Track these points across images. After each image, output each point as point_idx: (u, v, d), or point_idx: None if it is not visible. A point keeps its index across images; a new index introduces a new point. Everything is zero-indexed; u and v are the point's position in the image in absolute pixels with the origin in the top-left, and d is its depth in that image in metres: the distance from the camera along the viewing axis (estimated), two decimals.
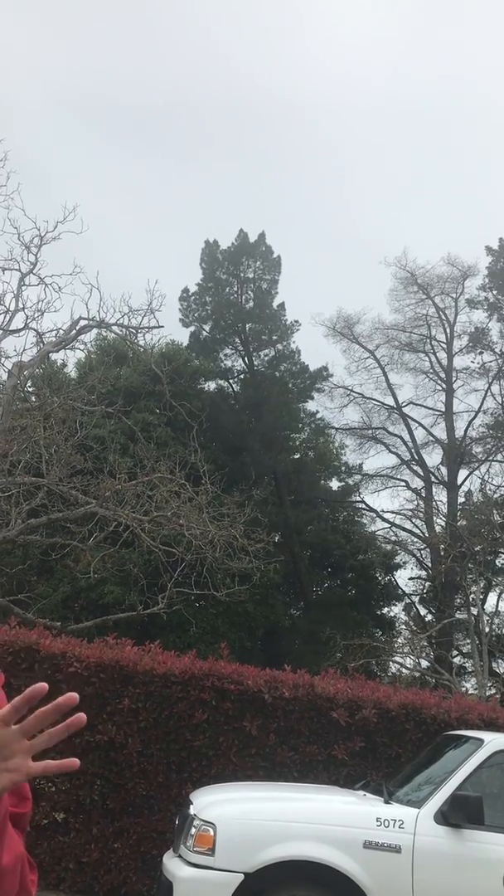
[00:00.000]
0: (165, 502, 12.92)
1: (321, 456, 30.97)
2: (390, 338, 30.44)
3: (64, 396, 14.35)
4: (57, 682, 7.39)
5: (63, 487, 12.76)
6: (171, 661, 7.79)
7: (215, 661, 7.95)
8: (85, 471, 13.62)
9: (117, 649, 7.81)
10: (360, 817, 5.51)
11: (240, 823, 5.43)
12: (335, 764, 7.60)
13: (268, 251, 30.22)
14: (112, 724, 7.40)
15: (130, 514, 12.56)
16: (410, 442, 30.21)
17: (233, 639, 21.81)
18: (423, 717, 7.86)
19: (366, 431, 30.97)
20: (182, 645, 15.81)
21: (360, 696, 7.85)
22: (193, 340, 29.61)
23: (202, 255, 30.36)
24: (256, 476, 22.45)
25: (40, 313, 14.72)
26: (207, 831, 5.35)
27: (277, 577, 22.51)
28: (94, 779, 7.37)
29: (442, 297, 30.22)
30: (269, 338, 29.82)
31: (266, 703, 7.60)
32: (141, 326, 15.00)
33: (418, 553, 29.21)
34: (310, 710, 7.71)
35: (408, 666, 24.30)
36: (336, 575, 30.53)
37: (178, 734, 7.51)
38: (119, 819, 7.37)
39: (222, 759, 7.50)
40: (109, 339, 20.81)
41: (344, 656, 21.15)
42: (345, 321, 30.18)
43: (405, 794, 5.89)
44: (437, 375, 30.37)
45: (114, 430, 18.55)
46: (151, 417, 21.88)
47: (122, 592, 18.65)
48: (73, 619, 17.55)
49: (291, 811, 5.64)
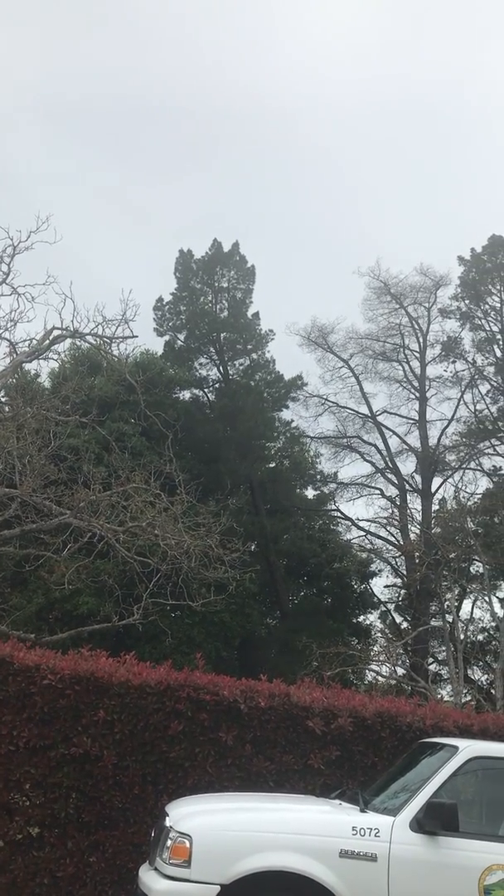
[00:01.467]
0: (140, 512, 12.88)
1: (296, 465, 31.05)
2: (364, 347, 30.68)
3: (37, 406, 14.27)
4: (31, 695, 7.33)
5: (37, 498, 12.67)
6: (146, 672, 7.74)
7: (191, 671, 7.92)
8: (59, 481, 13.54)
9: (92, 661, 7.75)
10: (335, 826, 5.51)
11: (216, 834, 5.41)
12: (311, 773, 7.59)
13: (242, 261, 30.34)
14: (87, 736, 7.34)
15: (105, 525, 12.51)
16: (385, 450, 30.43)
17: (209, 649, 21.74)
18: (398, 725, 7.88)
19: (340, 440, 31.12)
20: (157, 655, 15.72)
21: (336, 705, 7.86)
22: (168, 350, 29.62)
23: (176, 264, 30.41)
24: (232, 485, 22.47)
25: (13, 323, 14.65)
26: (183, 843, 5.33)
27: (253, 586, 22.50)
28: (70, 792, 7.29)
29: (415, 307, 30.53)
30: (244, 347, 29.90)
31: (242, 714, 7.58)
32: (115, 336, 14.98)
33: (393, 561, 29.37)
34: (285, 719, 7.70)
35: (384, 674, 24.37)
36: (312, 583, 30.59)
37: (153, 745, 7.46)
38: (94, 832, 7.30)
39: (198, 769, 7.46)
40: (83, 349, 20.74)
41: (320, 665, 21.17)
42: (319, 331, 30.38)
43: (381, 802, 5.91)
44: (411, 384, 30.62)
45: (88, 440, 18.47)
46: (126, 427, 21.82)
47: (96, 603, 18.53)
48: (48, 630, 17.40)
49: (267, 821, 5.63)
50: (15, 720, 7.24)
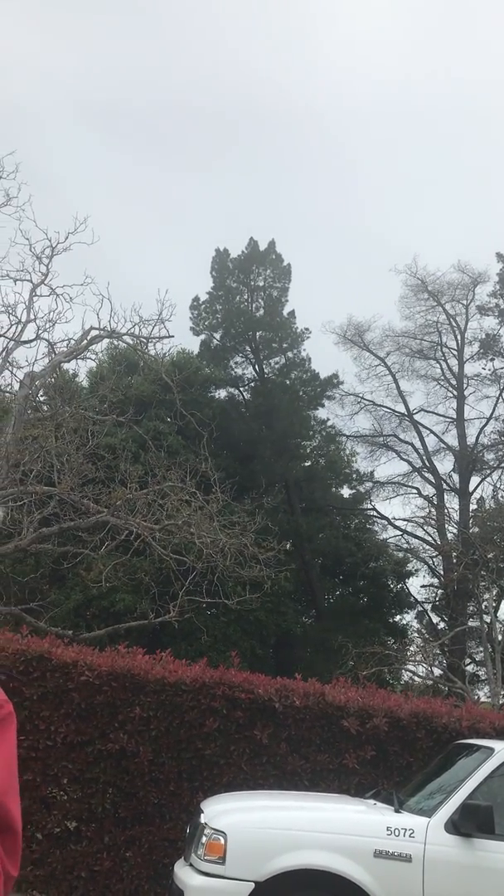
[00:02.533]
0: (176, 511, 12.95)
1: (332, 463, 30.95)
2: (401, 345, 30.46)
3: (75, 406, 14.43)
4: (69, 691, 7.44)
5: (74, 496, 12.81)
6: (181, 669, 7.81)
7: (226, 669, 7.96)
8: (96, 480, 13.67)
9: (128, 658, 7.84)
10: (370, 826, 5.51)
11: (250, 832, 5.44)
12: (346, 773, 7.60)
13: (278, 259, 30.32)
14: (124, 732, 7.43)
15: (141, 523, 12.60)
16: (422, 449, 30.19)
17: (244, 647, 21.80)
18: (434, 726, 7.84)
19: (377, 439, 30.95)
20: (193, 653, 15.82)
21: (371, 705, 7.85)
22: (204, 349, 29.72)
23: (213, 263, 30.49)
24: (267, 484, 22.49)
25: (52, 324, 14.81)
26: (218, 840, 5.37)
27: (289, 585, 22.49)
28: (106, 787, 7.40)
29: (452, 304, 30.23)
30: (280, 346, 29.87)
31: (277, 712, 7.61)
32: (151, 336, 15.07)
33: (430, 560, 29.13)
34: (320, 718, 7.71)
35: (420, 674, 24.21)
36: (348, 583, 30.48)
37: (189, 743, 7.52)
38: (131, 828, 7.39)
39: (233, 767, 7.51)
40: (121, 349, 20.91)
41: (356, 664, 21.10)
42: (355, 328, 30.24)
43: (416, 803, 5.89)
44: (448, 382, 30.35)
45: (125, 438, 18.63)
46: (162, 426, 21.97)
47: (133, 601, 18.69)
48: (86, 627, 17.61)
49: (302, 820, 5.65)
50: (53, 716, 7.36)
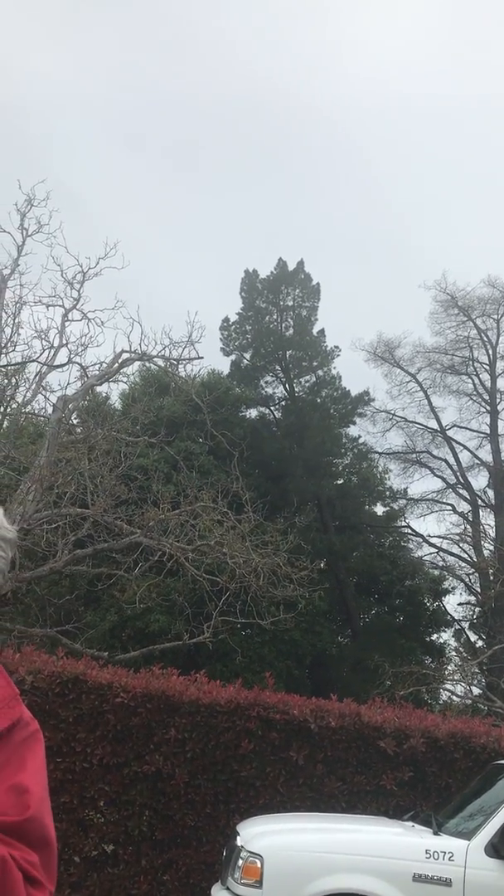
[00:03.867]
0: (208, 531, 12.99)
1: (365, 481, 30.79)
2: (432, 361, 30.32)
3: (108, 428, 14.58)
4: (104, 713, 7.45)
5: (108, 518, 12.91)
6: (216, 690, 7.79)
7: (261, 690, 7.93)
8: (129, 501, 13.77)
9: (163, 679, 7.85)
10: (409, 849, 5.43)
11: (287, 855, 5.39)
12: (383, 794, 7.50)
13: (307, 279, 30.44)
14: (159, 754, 7.42)
15: (174, 544, 12.65)
16: (455, 465, 29.93)
17: (280, 667, 21.68)
18: (472, 746, 7.72)
19: (410, 455, 30.76)
20: (229, 674, 15.78)
21: (408, 725, 7.76)
22: (234, 369, 29.86)
23: (242, 284, 30.70)
24: (299, 503, 22.43)
25: (83, 347, 15.02)
26: (255, 863, 5.33)
27: (323, 604, 22.35)
28: (143, 810, 7.38)
29: (483, 319, 30.05)
30: (310, 364, 29.91)
31: (312, 733, 7.55)
32: (181, 358, 15.22)
33: (467, 578, 28.76)
34: (357, 739, 7.64)
35: (459, 694, 23.84)
36: (383, 601, 30.19)
37: (224, 764, 7.49)
38: (168, 850, 7.36)
39: (269, 789, 7.45)
40: (152, 371, 21.11)
41: (393, 684, 20.85)
42: (385, 345, 30.18)
43: (455, 825, 5.80)
44: (481, 397, 30.10)
45: (157, 459, 18.75)
46: (194, 446, 22.06)
47: (168, 621, 18.71)
48: (121, 648, 17.64)
49: (339, 843, 5.59)
50: (89, 738, 7.38)
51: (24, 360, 14.89)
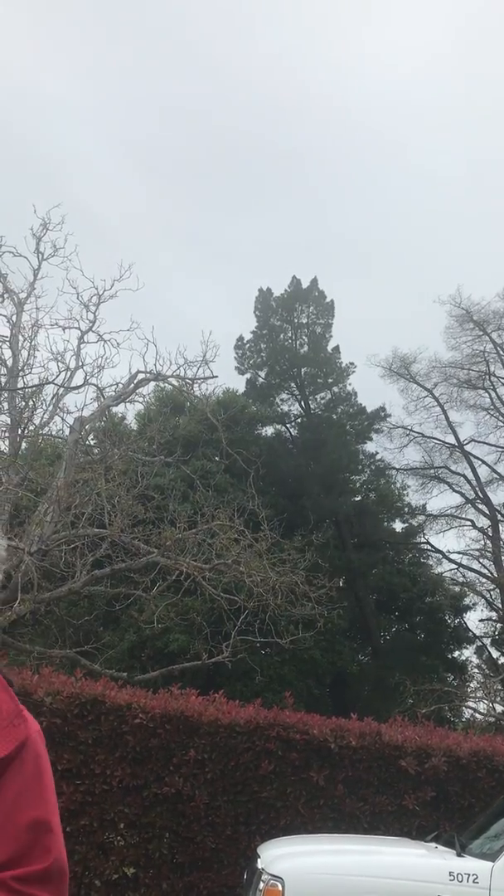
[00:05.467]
0: (225, 549, 12.97)
1: (383, 497, 30.67)
2: (448, 375, 30.23)
3: (124, 448, 14.64)
4: (123, 734, 7.42)
5: (125, 538, 12.93)
6: (235, 710, 7.74)
7: (280, 710, 7.88)
8: (146, 520, 13.79)
9: (182, 700, 7.81)
10: (432, 871, 5.35)
11: (308, 878, 5.33)
12: (406, 814, 7.41)
13: (321, 296, 30.53)
14: (179, 775, 7.37)
15: (191, 563, 12.64)
16: (474, 480, 29.75)
17: (300, 687, 21.54)
18: (495, 765, 7.62)
19: (427, 471, 30.62)
20: (249, 694, 15.68)
21: (429, 744, 7.67)
22: (250, 387, 29.93)
23: (256, 302, 30.84)
24: (317, 520, 22.35)
25: (99, 369, 15.11)
26: (276, 886, 5.27)
27: (343, 622, 22.21)
28: (163, 832, 7.32)
29: (499, 333, 29.93)
30: (325, 381, 29.93)
31: (332, 753, 7.48)
32: (196, 377, 15.27)
33: (488, 594, 28.53)
34: (378, 759, 7.56)
35: (482, 711, 23.57)
36: (404, 619, 29.98)
37: (244, 786, 7.43)
38: (189, 874, 7.29)
39: (290, 810, 7.38)
40: (167, 391, 21.21)
41: (414, 702, 20.65)
42: (401, 361, 30.13)
43: (478, 846, 5.71)
44: (499, 412, 29.95)
45: (174, 478, 18.78)
46: (210, 465, 22.09)
47: (187, 641, 18.66)
48: (140, 668, 17.61)
49: (361, 865, 5.52)
50: (108, 759, 7.34)
51: (41, 383, 15.00)
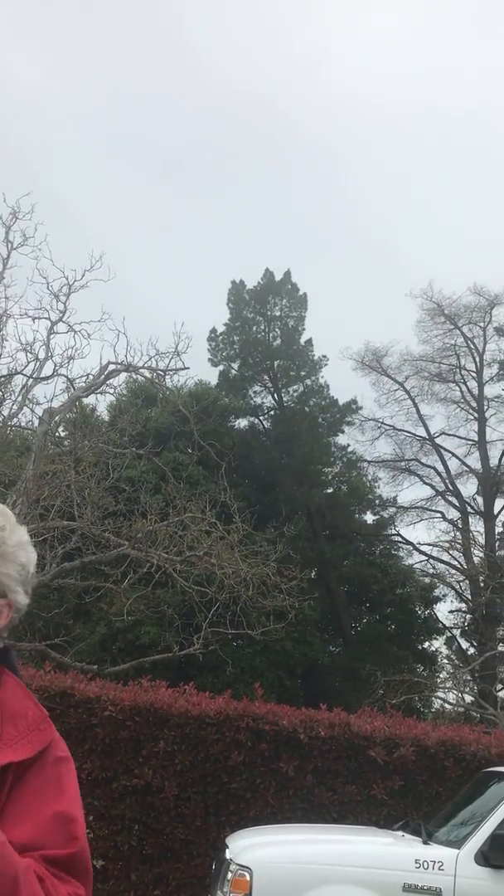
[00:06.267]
0: (197, 542, 12.94)
1: (354, 489, 30.83)
2: (419, 369, 30.43)
3: (95, 440, 14.52)
4: (92, 727, 7.40)
5: (96, 530, 12.85)
6: (205, 702, 7.75)
7: (250, 701, 7.90)
8: (117, 513, 13.71)
9: (152, 692, 7.80)
10: (398, 859, 5.41)
11: (276, 867, 5.36)
12: (374, 804, 7.47)
13: (294, 289, 30.54)
14: (148, 767, 7.37)
15: (162, 555, 12.60)
16: (444, 473, 30.01)
17: (271, 678, 21.62)
18: (462, 754, 7.71)
19: (399, 463, 30.82)
20: (220, 685, 15.70)
21: (398, 734, 7.74)
22: (222, 379, 29.89)
23: (229, 294, 30.76)
24: (289, 512, 22.40)
25: (70, 360, 14.94)
26: (244, 876, 5.29)
27: (314, 613, 22.33)
28: (132, 824, 7.32)
29: (470, 327, 30.18)
30: (298, 374, 29.99)
31: (302, 744, 7.52)
32: (168, 369, 15.16)
33: (457, 585, 28.81)
34: (347, 749, 7.61)
35: (451, 701, 23.83)
36: (375, 610, 30.21)
37: (214, 777, 7.45)
38: (158, 865, 7.30)
39: (260, 801, 7.41)
40: (139, 382, 21.09)
41: (385, 693, 20.82)
42: (373, 354, 30.25)
43: (444, 834, 5.78)
44: (469, 405, 30.21)
45: (145, 470, 18.70)
46: (182, 457, 22.03)
47: (158, 633, 18.64)
48: (111, 661, 17.54)
49: (329, 854, 5.56)
50: (77, 752, 7.31)
51: (9, 373, 14.82)
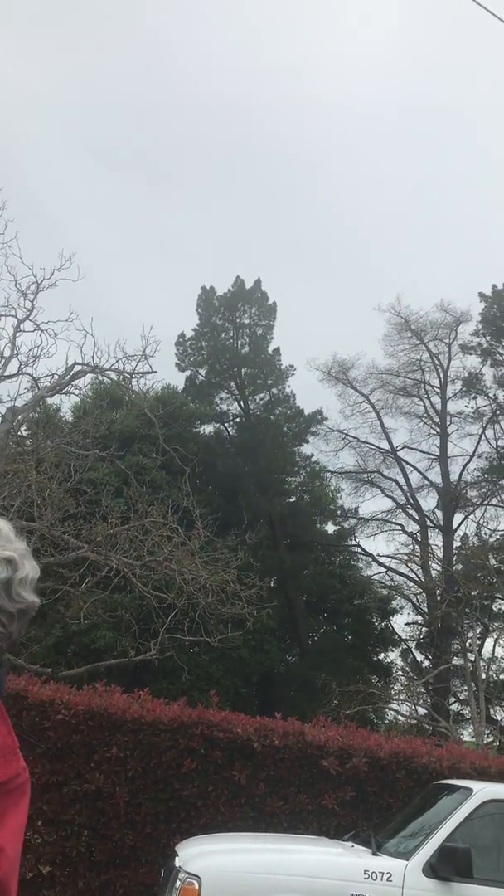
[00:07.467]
0: (158, 547, 12.89)
1: (316, 499, 30.97)
2: (385, 382, 30.72)
3: (58, 440, 14.39)
4: (44, 730, 7.32)
5: (55, 532, 12.73)
6: (159, 708, 7.71)
7: (205, 708, 7.87)
8: (78, 515, 13.60)
9: (106, 696, 7.73)
10: (347, 870, 5.42)
11: (225, 876, 5.34)
12: (325, 814, 7.49)
13: (263, 297, 30.65)
14: (100, 772, 7.30)
15: (121, 559, 12.52)
16: (406, 486, 30.30)
17: (227, 685, 21.58)
18: (414, 766, 7.76)
19: (361, 475, 31.05)
20: (175, 692, 15.61)
21: (351, 745, 7.76)
22: (189, 384, 29.86)
23: (198, 300, 30.77)
24: (251, 520, 22.41)
25: (35, 359, 14.80)
26: (192, 884, 5.26)
27: (272, 622, 22.34)
28: (82, 830, 7.24)
29: (435, 343, 30.59)
30: (265, 382, 30.08)
31: (255, 752, 7.51)
32: (135, 371, 15.10)
33: (415, 598, 29.07)
34: (300, 758, 7.62)
35: (404, 713, 24.01)
36: (332, 620, 30.33)
37: (166, 783, 7.40)
38: (106, 872, 7.23)
39: (211, 808, 7.38)
40: (105, 384, 20.96)
41: (340, 703, 20.90)
42: (339, 365, 30.49)
43: (394, 845, 5.81)
44: (432, 420, 30.57)
45: (108, 473, 18.57)
46: (146, 461, 21.93)
47: (114, 638, 18.49)
48: (66, 664, 17.35)
49: (278, 863, 5.55)
50: (28, 756, 7.16)
51: None
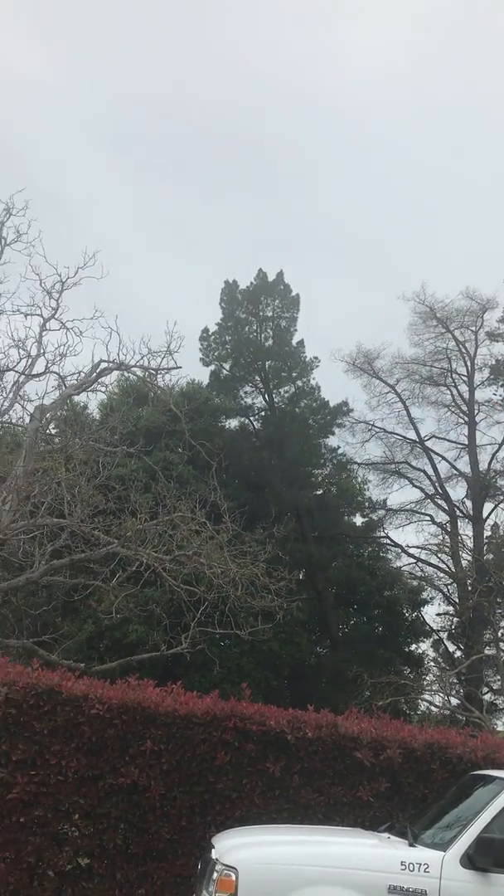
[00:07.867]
0: (186, 541, 12.95)
1: (344, 492, 30.85)
2: (411, 372, 30.47)
3: (86, 438, 14.51)
4: (79, 725, 7.38)
5: (85, 528, 12.84)
6: (192, 701, 7.74)
7: (237, 701, 7.89)
8: (107, 511, 13.70)
9: (139, 690, 7.78)
10: (384, 861, 5.41)
11: (262, 868, 5.36)
12: (360, 805, 7.48)
13: (286, 290, 30.54)
14: (135, 766, 7.35)
15: (152, 554, 12.60)
16: (434, 476, 30.08)
17: (258, 678, 21.61)
18: (448, 757, 7.72)
19: (388, 466, 30.87)
20: (207, 685, 15.69)
21: (385, 736, 7.74)
22: (214, 379, 29.87)
23: (222, 294, 30.74)
24: (278, 513, 22.40)
25: (61, 357, 14.95)
26: (229, 876, 5.29)
27: (302, 614, 22.33)
28: (118, 822, 7.30)
29: (461, 331, 30.25)
30: (289, 375, 30.00)
31: (289, 744, 7.52)
32: (160, 368, 15.20)
33: (445, 588, 28.90)
34: (333, 750, 7.62)
35: (437, 704, 23.90)
36: (362, 612, 30.22)
37: (200, 777, 7.44)
38: (143, 864, 7.29)
39: (246, 801, 7.41)
40: (130, 380, 21.07)
41: (371, 695, 20.85)
42: (364, 356, 30.29)
43: (430, 836, 5.79)
44: (459, 409, 30.30)
45: (135, 469, 18.68)
46: (173, 456, 22.01)
47: (145, 632, 18.60)
48: (98, 659, 17.51)
49: (315, 855, 5.56)
50: (64, 750, 7.30)
51: (1, 370, 14.79)
